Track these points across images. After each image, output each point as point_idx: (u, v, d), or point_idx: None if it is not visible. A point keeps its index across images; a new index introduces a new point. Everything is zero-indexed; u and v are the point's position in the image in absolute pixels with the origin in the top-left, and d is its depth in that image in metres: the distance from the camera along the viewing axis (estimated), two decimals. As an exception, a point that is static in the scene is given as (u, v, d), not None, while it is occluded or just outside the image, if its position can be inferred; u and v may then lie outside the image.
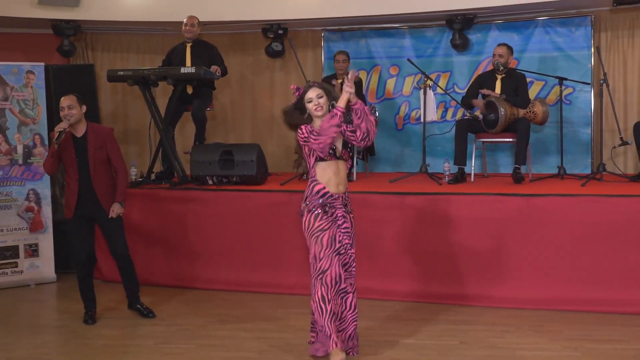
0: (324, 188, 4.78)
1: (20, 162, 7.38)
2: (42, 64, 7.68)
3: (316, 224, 4.77)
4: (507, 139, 7.51)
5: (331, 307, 4.73)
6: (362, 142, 4.74)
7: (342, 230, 4.81)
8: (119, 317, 6.13)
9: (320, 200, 4.79)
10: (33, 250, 7.43)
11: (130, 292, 6.17)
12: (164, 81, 7.67)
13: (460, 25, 8.73)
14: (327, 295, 4.73)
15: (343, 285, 4.85)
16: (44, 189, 7.46)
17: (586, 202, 6.19)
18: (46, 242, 7.47)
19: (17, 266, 7.34)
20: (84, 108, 5.80)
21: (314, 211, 4.79)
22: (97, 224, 5.98)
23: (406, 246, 6.49)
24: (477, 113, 7.41)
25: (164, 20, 8.88)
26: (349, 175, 7.62)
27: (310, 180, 4.87)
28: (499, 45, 7.75)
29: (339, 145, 4.81)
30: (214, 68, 7.75)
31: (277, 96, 9.84)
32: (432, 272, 6.46)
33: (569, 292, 6.11)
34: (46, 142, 7.49)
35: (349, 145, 4.85)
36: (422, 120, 7.95)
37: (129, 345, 5.47)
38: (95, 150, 5.80)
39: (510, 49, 7.71)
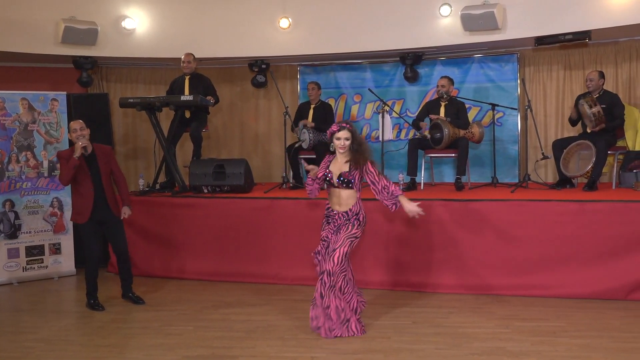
0: (328, 204, 5.16)
1: (46, 174, 7.32)
2: (65, 92, 7.64)
3: (322, 233, 5.15)
4: (450, 154, 7.56)
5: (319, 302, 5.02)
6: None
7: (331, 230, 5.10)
8: (126, 304, 6.11)
9: (326, 213, 5.17)
10: (56, 249, 7.36)
11: (125, 282, 6.16)
12: (166, 107, 7.68)
13: (411, 61, 8.78)
14: (320, 289, 5.00)
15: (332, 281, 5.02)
16: (66, 197, 7.39)
17: (515, 206, 6.24)
18: (67, 242, 7.41)
19: (42, 262, 7.28)
20: (88, 130, 5.84)
21: (323, 221, 5.18)
22: (103, 227, 5.96)
23: (370, 244, 6.50)
24: (426, 133, 7.45)
25: (166, 57, 8.85)
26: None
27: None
28: (442, 77, 7.77)
29: (334, 175, 5.05)
30: (208, 98, 7.73)
31: (261, 119, 9.83)
32: (394, 264, 6.47)
33: (501, 280, 6.16)
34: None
35: (346, 180, 5.00)
36: (380, 139, 7.96)
37: (137, 327, 5.42)
38: (104, 165, 5.87)
39: (451, 80, 7.75)
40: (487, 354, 4.55)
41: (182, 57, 8.03)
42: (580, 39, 7.67)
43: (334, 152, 5.12)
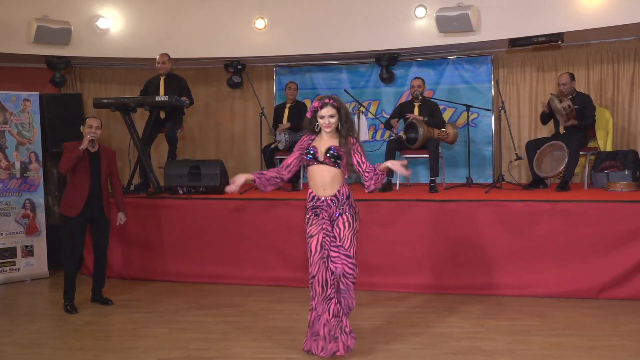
0: (312, 192, 4.47)
1: (18, 175, 7.20)
2: (37, 93, 7.53)
3: (307, 230, 4.45)
4: (425, 155, 7.57)
5: (313, 315, 4.48)
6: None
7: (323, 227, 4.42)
8: (100, 306, 6.04)
9: (311, 204, 4.46)
10: (29, 251, 7.25)
11: (96, 285, 6.12)
12: (141, 107, 7.60)
13: (387, 62, 8.81)
14: (313, 300, 4.45)
15: (328, 292, 4.43)
16: (39, 198, 7.30)
17: (489, 206, 6.28)
18: (40, 244, 7.29)
19: (14, 264, 7.15)
20: (101, 132, 5.94)
21: (307, 215, 4.48)
22: (91, 225, 5.96)
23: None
24: (401, 134, 7.47)
25: (141, 57, 8.77)
26: (296, 185, 7.65)
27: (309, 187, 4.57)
28: (416, 78, 7.81)
29: (321, 149, 4.43)
30: (183, 98, 7.68)
31: (236, 120, 9.80)
32: (367, 264, 6.45)
33: (476, 279, 6.19)
34: (40, 159, 7.34)
35: (336, 154, 4.40)
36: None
37: (112, 329, 5.37)
38: (106, 166, 5.96)
39: (424, 81, 7.80)
40: (463, 353, 4.57)
41: (157, 57, 7.96)
42: (552, 41, 7.78)
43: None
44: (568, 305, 5.70)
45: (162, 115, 7.81)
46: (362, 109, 8.01)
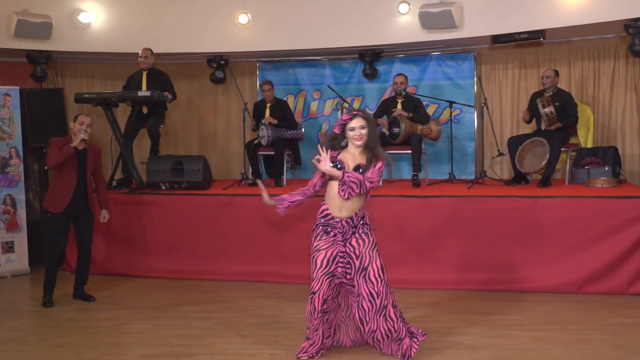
0: (327, 209, 4.24)
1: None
2: (18, 87, 7.45)
3: (315, 243, 4.23)
4: (408, 151, 7.58)
5: (313, 325, 4.30)
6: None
7: (338, 258, 4.20)
8: (82, 303, 6.00)
9: (322, 221, 4.25)
10: (9, 247, 7.17)
11: (79, 281, 6.10)
12: (123, 102, 7.55)
13: (370, 58, 8.81)
14: (312, 315, 4.24)
15: (325, 306, 4.27)
16: (19, 194, 7.23)
17: (472, 201, 6.32)
18: (21, 240, 7.22)
19: (-5, 261, 7.10)
20: (91, 130, 5.96)
21: (316, 230, 4.27)
22: (74, 221, 5.95)
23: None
24: (384, 130, 7.48)
25: (123, 52, 8.70)
26: (279, 181, 7.63)
27: (322, 198, 4.34)
28: (399, 75, 7.82)
29: (350, 165, 4.19)
30: (166, 93, 7.64)
31: (219, 116, 9.74)
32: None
33: (458, 275, 6.23)
34: (21, 154, 7.26)
35: (363, 172, 4.14)
36: (339, 135, 7.95)
37: (94, 326, 5.33)
38: (92, 164, 5.98)
39: (406, 77, 7.82)
40: (445, 347, 4.59)
41: (140, 52, 7.90)
42: (534, 38, 7.84)
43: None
44: (549, 300, 5.76)
45: (145, 110, 7.75)
46: (346, 105, 8.00)
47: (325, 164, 4.05)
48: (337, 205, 4.19)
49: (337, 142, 4.26)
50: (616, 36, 8.07)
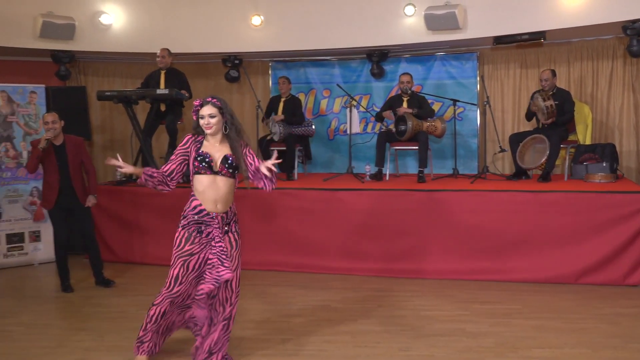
0: (200, 205, 3.79)
1: (25, 164, 7.19)
2: (43, 85, 7.52)
3: (186, 247, 3.79)
4: (414, 147, 7.59)
5: (164, 322, 4.00)
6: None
7: (215, 250, 3.81)
8: (103, 289, 6.10)
9: (196, 217, 3.79)
10: (36, 236, 7.26)
11: (95, 268, 6.16)
12: (143, 100, 7.59)
13: (378, 58, 8.81)
14: (166, 314, 3.94)
15: (189, 301, 4.00)
16: (45, 186, 7.31)
17: (474, 196, 6.32)
18: (47, 230, 7.24)
19: (23, 249, 7.18)
20: (62, 123, 5.84)
21: (188, 230, 3.81)
22: (70, 214, 5.99)
23: (333, 232, 6.54)
24: (391, 126, 7.49)
25: (142, 52, 8.73)
26: (291, 175, 7.65)
27: (190, 194, 3.89)
28: (405, 74, 7.81)
29: (217, 157, 3.82)
30: (183, 91, 7.67)
31: (234, 113, 9.74)
32: (358, 251, 6.50)
33: (460, 265, 6.24)
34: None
35: (234, 164, 3.82)
36: (348, 132, 8.00)
37: (114, 312, 5.38)
38: (74, 157, 5.88)
39: (412, 76, 7.81)
40: (448, 334, 4.62)
41: (158, 52, 7.93)
42: (535, 39, 7.80)
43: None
44: (547, 290, 5.77)
45: (163, 107, 7.79)
46: (354, 103, 8.01)
47: (128, 168, 3.86)
48: (212, 199, 3.79)
49: (200, 129, 3.87)
50: (614, 37, 8.03)
